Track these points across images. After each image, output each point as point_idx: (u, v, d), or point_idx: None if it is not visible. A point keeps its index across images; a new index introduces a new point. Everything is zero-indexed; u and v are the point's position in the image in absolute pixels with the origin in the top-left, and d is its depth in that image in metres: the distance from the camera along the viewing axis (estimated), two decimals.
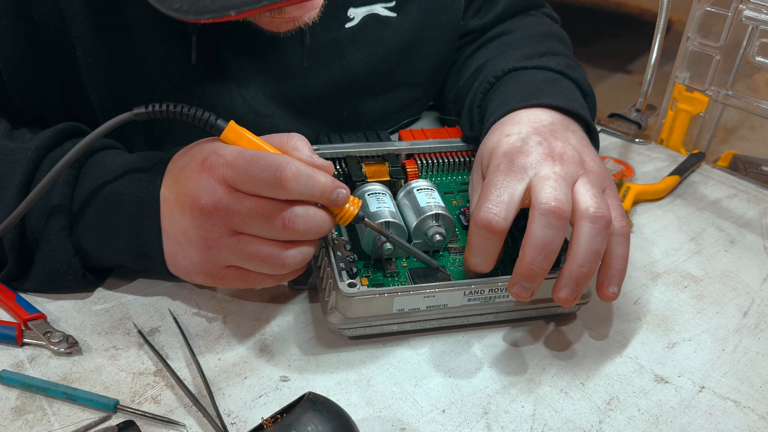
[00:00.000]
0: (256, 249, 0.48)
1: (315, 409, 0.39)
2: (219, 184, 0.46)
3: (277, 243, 0.48)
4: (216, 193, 0.46)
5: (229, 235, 0.48)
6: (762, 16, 0.73)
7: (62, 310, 0.54)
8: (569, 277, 0.49)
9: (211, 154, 0.47)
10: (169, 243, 0.51)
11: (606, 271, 0.52)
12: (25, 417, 0.45)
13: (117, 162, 0.53)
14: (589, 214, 0.50)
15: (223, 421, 0.45)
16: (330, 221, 0.49)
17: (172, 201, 0.49)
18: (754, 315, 0.58)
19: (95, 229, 0.52)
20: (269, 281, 0.51)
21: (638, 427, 0.47)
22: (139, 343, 0.51)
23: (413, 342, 0.53)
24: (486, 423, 0.47)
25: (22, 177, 0.51)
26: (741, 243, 0.67)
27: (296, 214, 0.47)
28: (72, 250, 0.52)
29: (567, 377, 0.51)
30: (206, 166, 0.47)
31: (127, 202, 0.51)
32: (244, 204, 0.46)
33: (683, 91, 0.83)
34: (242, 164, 0.46)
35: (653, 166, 0.80)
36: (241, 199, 0.46)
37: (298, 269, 0.50)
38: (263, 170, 0.45)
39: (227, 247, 0.48)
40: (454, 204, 0.65)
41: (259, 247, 0.48)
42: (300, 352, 0.52)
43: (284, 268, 0.48)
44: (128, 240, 0.52)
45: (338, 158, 0.65)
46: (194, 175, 0.47)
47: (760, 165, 0.82)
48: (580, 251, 0.49)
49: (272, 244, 0.48)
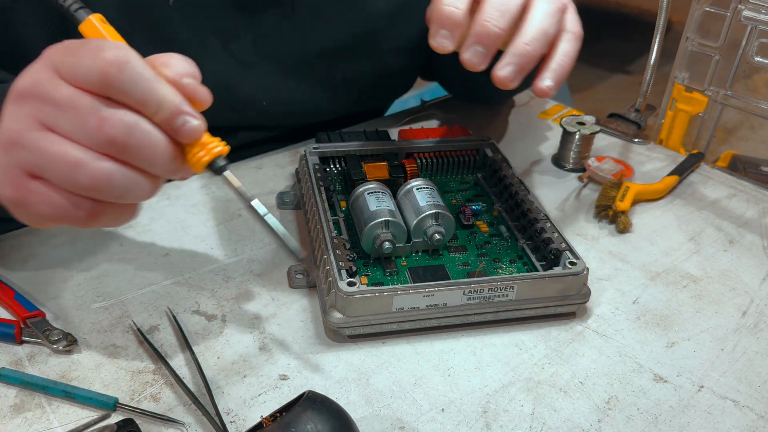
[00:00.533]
0: (62, 150, 0.37)
1: (314, 408, 0.40)
2: (43, 68, 0.38)
3: (90, 150, 0.38)
4: (36, 75, 0.38)
5: (37, 128, 0.38)
6: (761, 17, 0.74)
7: (61, 308, 0.54)
8: (514, 54, 0.48)
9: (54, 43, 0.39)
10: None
11: (546, 64, 0.51)
12: (24, 415, 0.45)
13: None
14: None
15: (222, 419, 0.45)
16: (164, 147, 0.39)
17: None
18: (753, 315, 0.58)
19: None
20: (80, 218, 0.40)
21: (637, 426, 0.47)
22: (138, 341, 0.51)
23: (413, 341, 0.53)
24: (485, 422, 0.47)
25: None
26: (740, 243, 0.67)
27: (118, 117, 0.37)
28: None
29: (566, 376, 0.51)
30: (45, 53, 0.39)
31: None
32: (61, 91, 0.37)
33: (682, 92, 0.83)
34: (73, 46, 0.38)
35: (652, 166, 0.80)
36: (60, 86, 0.37)
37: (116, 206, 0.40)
38: (89, 52, 0.37)
39: (32, 142, 0.38)
40: (454, 203, 0.65)
41: (66, 149, 0.37)
42: (299, 350, 0.52)
43: (91, 184, 0.38)
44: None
45: (338, 157, 0.65)
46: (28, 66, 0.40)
47: (759, 165, 0.82)
48: (529, 29, 0.48)
49: (83, 149, 0.38)
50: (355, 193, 0.59)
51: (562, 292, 0.54)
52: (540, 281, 0.53)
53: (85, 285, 0.56)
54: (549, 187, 0.74)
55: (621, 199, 0.69)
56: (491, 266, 0.58)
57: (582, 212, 0.70)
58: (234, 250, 0.61)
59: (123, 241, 0.61)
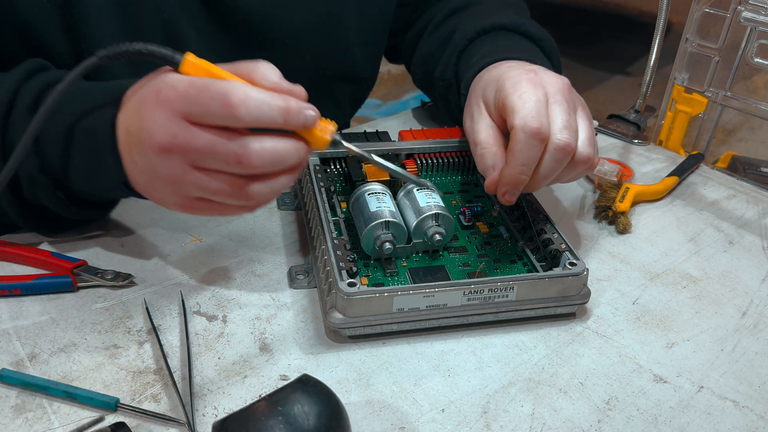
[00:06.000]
0: (219, 186, 0.46)
1: (304, 390, 0.40)
2: (174, 119, 0.44)
3: (240, 178, 0.46)
4: (171, 129, 0.44)
5: (191, 171, 0.46)
6: (761, 18, 0.74)
7: (62, 308, 0.54)
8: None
9: (165, 86, 0.45)
10: (142, 176, 0.49)
11: None
12: (25, 415, 0.46)
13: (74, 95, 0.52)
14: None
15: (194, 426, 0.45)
16: (300, 148, 0.46)
17: (135, 134, 0.48)
18: (753, 315, 0.58)
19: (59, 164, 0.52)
20: (245, 210, 0.50)
21: (637, 426, 0.48)
22: (139, 342, 0.52)
23: (413, 341, 0.53)
24: (485, 422, 0.47)
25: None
26: (740, 243, 0.67)
27: (250, 150, 0.44)
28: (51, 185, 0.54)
29: (566, 377, 0.51)
30: (160, 99, 0.45)
31: (80, 136, 0.51)
32: (199, 139, 0.44)
33: (682, 93, 0.83)
34: (193, 94, 0.43)
35: (652, 167, 0.80)
36: (196, 135, 0.44)
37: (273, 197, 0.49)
38: (212, 98, 0.43)
39: (192, 183, 0.46)
40: (454, 204, 0.65)
41: (221, 185, 0.46)
42: (300, 351, 0.52)
43: (253, 201, 0.47)
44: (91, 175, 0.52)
45: (338, 158, 0.65)
46: (150, 111, 0.45)
47: (759, 166, 0.82)
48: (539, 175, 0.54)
49: (234, 181, 0.46)
50: (356, 193, 0.59)
51: (562, 293, 0.54)
52: (540, 282, 0.53)
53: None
54: (548, 188, 0.74)
55: (621, 200, 0.69)
56: (491, 267, 0.58)
57: (582, 213, 0.71)
58: (234, 251, 0.61)
59: (124, 242, 0.61)
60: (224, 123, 0.44)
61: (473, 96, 0.61)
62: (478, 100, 0.59)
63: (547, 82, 0.55)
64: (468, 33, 0.70)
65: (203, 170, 0.45)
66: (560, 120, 0.53)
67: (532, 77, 0.55)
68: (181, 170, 0.46)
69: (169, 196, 0.49)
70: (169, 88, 0.44)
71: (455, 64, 0.70)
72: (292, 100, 0.45)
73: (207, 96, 0.43)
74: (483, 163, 0.56)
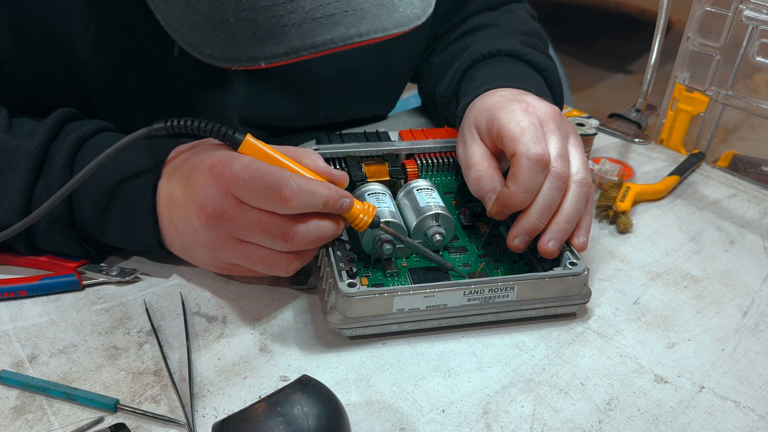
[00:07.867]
0: (261, 257, 0.50)
1: (304, 391, 0.40)
2: (225, 195, 0.48)
3: (280, 253, 0.51)
4: (222, 203, 0.48)
5: (235, 242, 0.50)
6: (762, 16, 0.74)
7: (62, 309, 0.54)
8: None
9: (219, 162, 0.49)
10: (180, 238, 0.53)
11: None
12: (25, 417, 0.46)
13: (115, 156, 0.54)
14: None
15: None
16: (335, 229, 0.51)
17: (181, 201, 0.51)
18: (754, 315, 0.58)
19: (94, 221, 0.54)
20: (275, 274, 0.53)
21: (638, 427, 0.47)
22: (138, 343, 0.51)
23: (413, 342, 0.53)
24: (486, 423, 0.47)
25: (27, 175, 0.53)
26: (741, 243, 0.67)
27: (297, 231, 0.49)
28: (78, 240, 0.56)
29: (566, 377, 0.51)
30: (214, 173, 0.48)
31: (119, 197, 0.53)
32: (248, 217, 0.48)
33: (683, 92, 0.83)
34: (247, 179, 0.47)
35: (653, 166, 0.80)
36: (246, 212, 0.48)
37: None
38: (265, 187, 0.47)
39: (233, 252, 0.51)
40: (454, 204, 0.65)
41: (264, 255, 0.50)
42: (300, 351, 0.52)
43: (289, 272, 0.52)
44: (126, 234, 0.54)
45: (338, 158, 0.65)
46: (202, 181, 0.49)
47: (760, 165, 0.82)
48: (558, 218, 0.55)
49: (276, 254, 0.50)
50: (356, 194, 0.59)
51: (562, 293, 0.54)
52: (540, 282, 0.53)
53: (87, 286, 0.56)
54: None
55: (621, 200, 0.69)
56: (491, 267, 0.58)
57: None
58: None
59: None
60: (274, 209, 0.48)
61: (466, 123, 0.61)
62: (471, 128, 0.60)
63: (539, 110, 0.56)
64: (474, 54, 0.71)
65: (247, 243, 0.50)
66: (555, 149, 0.54)
67: (525, 106, 0.56)
68: (225, 240, 0.50)
69: (206, 259, 0.53)
70: (224, 165, 0.48)
71: (457, 83, 0.72)
72: (333, 188, 0.50)
73: (260, 185, 0.47)
74: (481, 186, 0.56)
